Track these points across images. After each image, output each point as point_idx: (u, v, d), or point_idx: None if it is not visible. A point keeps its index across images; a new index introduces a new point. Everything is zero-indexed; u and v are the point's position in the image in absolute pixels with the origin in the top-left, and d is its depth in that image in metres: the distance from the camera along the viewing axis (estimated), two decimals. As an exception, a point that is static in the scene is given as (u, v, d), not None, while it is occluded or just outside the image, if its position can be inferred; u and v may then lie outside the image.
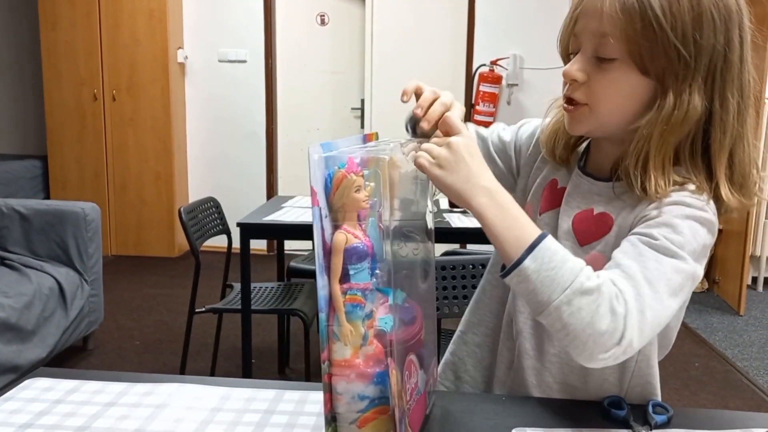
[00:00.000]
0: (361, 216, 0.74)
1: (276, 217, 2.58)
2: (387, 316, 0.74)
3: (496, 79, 4.89)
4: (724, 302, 4.35)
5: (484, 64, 4.95)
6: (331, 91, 5.31)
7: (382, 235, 0.74)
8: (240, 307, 2.53)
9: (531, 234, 0.79)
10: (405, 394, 0.76)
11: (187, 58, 5.19)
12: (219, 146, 5.34)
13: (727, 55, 0.85)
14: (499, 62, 4.92)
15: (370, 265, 0.73)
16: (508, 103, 5.03)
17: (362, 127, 5.21)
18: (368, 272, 0.73)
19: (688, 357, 3.41)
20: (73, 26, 4.91)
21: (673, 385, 3.06)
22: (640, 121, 0.86)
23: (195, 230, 2.67)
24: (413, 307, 0.82)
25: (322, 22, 5.23)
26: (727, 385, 3.12)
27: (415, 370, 0.81)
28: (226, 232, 2.95)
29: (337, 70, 5.28)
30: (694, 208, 0.84)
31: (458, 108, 0.88)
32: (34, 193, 5.04)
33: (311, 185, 0.72)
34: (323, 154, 0.73)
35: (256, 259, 2.97)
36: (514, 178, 1.11)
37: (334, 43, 5.25)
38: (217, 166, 5.36)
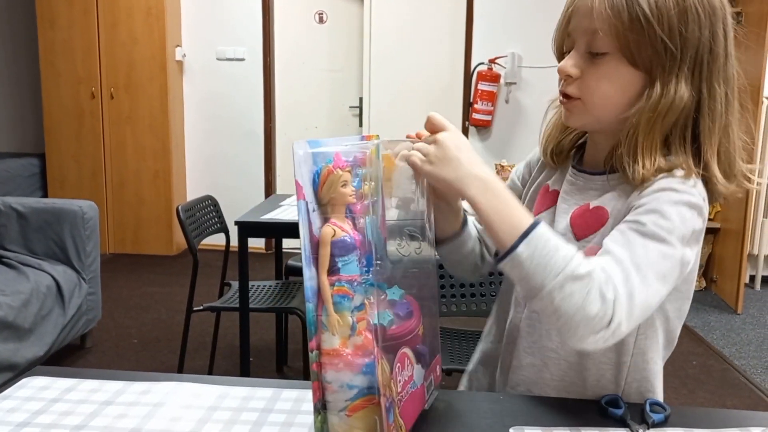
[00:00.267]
0: (352, 210, 0.75)
1: (274, 216, 2.58)
2: (382, 311, 0.75)
3: (495, 78, 4.89)
4: (722, 301, 4.36)
5: (483, 63, 4.95)
6: (330, 90, 5.31)
7: (374, 232, 0.75)
8: (238, 306, 2.53)
9: (524, 221, 0.82)
10: (395, 386, 0.77)
11: (185, 56, 5.18)
12: (217, 144, 5.34)
13: (712, 48, 0.89)
14: (497, 60, 4.92)
15: (361, 258, 0.74)
16: (507, 102, 5.03)
17: (360, 125, 5.21)
18: (356, 265, 0.74)
19: (685, 355, 3.42)
20: (71, 24, 4.91)
21: (670, 384, 3.06)
22: (629, 112, 0.90)
23: (193, 228, 2.67)
24: (410, 304, 0.83)
25: (321, 20, 5.23)
26: (725, 384, 3.12)
27: (410, 363, 0.82)
28: (224, 231, 2.95)
29: (336, 68, 5.28)
30: (682, 193, 0.87)
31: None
32: (31, 191, 5.04)
33: (296, 180, 0.73)
34: (310, 150, 0.75)
35: (254, 258, 2.97)
36: None
37: (332, 41, 5.25)
38: (215, 164, 5.36)
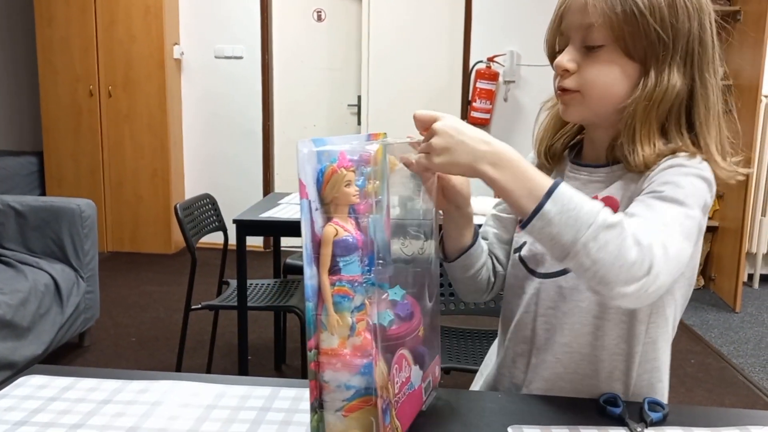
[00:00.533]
0: (356, 210, 0.75)
1: (272, 214, 2.58)
2: (383, 311, 0.75)
3: (493, 76, 4.89)
4: (720, 299, 4.36)
5: (481, 61, 4.94)
6: (328, 88, 5.31)
7: (378, 231, 0.74)
8: (236, 304, 2.53)
9: (545, 183, 0.80)
10: (393, 387, 0.77)
11: (183, 54, 5.18)
12: (215, 143, 5.33)
13: (702, 38, 0.93)
14: (495, 59, 4.92)
15: (362, 258, 0.74)
16: (505, 100, 5.03)
17: (359, 123, 5.21)
18: (358, 265, 0.74)
19: (684, 354, 3.42)
20: (69, 22, 4.90)
21: (669, 382, 3.06)
22: (626, 102, 0.93)
23: (191, 227, 2.66)
24: (411, 305, 0.83)
25: (319, 19, 5.22)
26: (723, 382, 3.13)
27: (408, 365, 0.81)
28: (222, 229, 2.95)
29: (334, 67, 5.27)
30: (691, 167, 0.89)
31: None
32: (29, 190, 5.03)
33: (299, 178, 0.73)
34: (314, 149, 0.74)
35: (252, 256, 2.97)
36: None
37: (330, 39, 5.24)
38: (214, 162, 5.35)
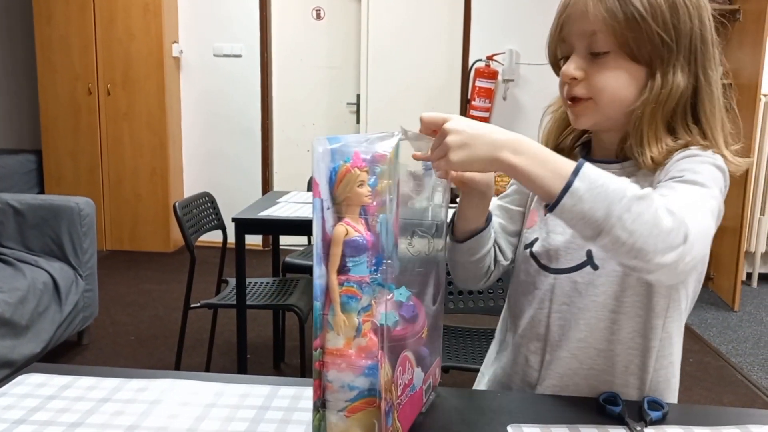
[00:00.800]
0: (367, 211, 0.74)
1: (271, 213, 2.58)
2: (388, 312, 0.74)
3: (492, 75, 4.89)
4: (719, 298, 4.36)
5: (480, 60, 4.94)
6: (327, 86, 5.30)
7: (386, 231, 0.74)
8: (235, 303, 2.53)
9: (568, 163, 0.79)
10: (396, 389, 0.76)
11: (182, 52, 5.17)
12: (214, 141, 5.33)
13: (703, 35, 0.94)
14: (495, 57, 4.91)
15: (371, 259, 0.73)
16: (504, 99, 5.02)
17: (358, 122, 5.20)
18: (367, 266, 0.73)
19: (682, 353, 3.41)
20: (68, 20, 4.89)
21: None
22: (635, 104, 0.94)
23: (190, 225, 2.66)
24: (416, 306, 0.82)
25: (318, 17, 5.22)
26: (722, 381, 3.13)
27: (411, 366, 0.81)
28: (221, 228, 2.94)
29: (333, 65, 5.27)
30: (705, 156, 0.90)
31: None
32: (28, 188, 5.02)
33: (314, 177, 0.73)
34: (329, 147, 0.73)
35: (252, 255, 2.97)
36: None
37: (329, 38, 5.24)
38: (213, 161, 5.35)
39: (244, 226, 2.47)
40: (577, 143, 1.08)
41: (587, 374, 1.01)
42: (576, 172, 0.77)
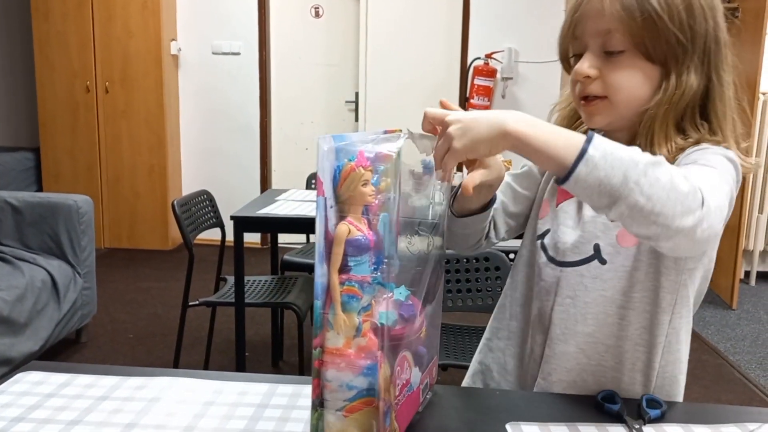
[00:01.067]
0: (369, 210, 0.74)
1: (269, 211, 2.58)
2: (387, 311, 0.74)
3: (491, 73, 4.89)
4: (717, 296, 4.37)
5: (479, 58, 4.94)
6: (326, 84, 5.30)
7: (387, 229, 0.73)
8: (233, 301, 2.53)
9: (577, 134, 0.79)
10: (394, 389, 0.76)
11: (180, 50, 5.16)
12: (212, 139, 5.32)
13: (717, 35, 0.94)
14: (493, 55, 4.91)
15: (373, 259, 0.73)
16: (503, 97, 5.02)
17: (356, 120, 5.20)
18: (368, 265, 0.73)
19: (680, 351, 3.42)
20: (66, 18, 4.88)
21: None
22: (649, 104, 0.94)
23: (188, 223, 2.66)
24: (415, 305, 0.82)
25: (317, 15, 5.21)
26: (720, 379, 3.13)
27: (408, 366, 0.81)
28: (220, 226, 2.94)
29: (332, 63, 5.26)
30: (716, 149, 0.91)
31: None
32: (26, 186, 5.02)
33: (318, 175, 0.72)
34: (334, 145, 0.73)
35: (250, 253, 2.96)
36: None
37: (328, 35, 5.23)
38: (211, 158, 5.34)
39: (243, 224, 2.47)
40: None
41: (595, 370, 1.00)
42: (589, 140, 0.77)
